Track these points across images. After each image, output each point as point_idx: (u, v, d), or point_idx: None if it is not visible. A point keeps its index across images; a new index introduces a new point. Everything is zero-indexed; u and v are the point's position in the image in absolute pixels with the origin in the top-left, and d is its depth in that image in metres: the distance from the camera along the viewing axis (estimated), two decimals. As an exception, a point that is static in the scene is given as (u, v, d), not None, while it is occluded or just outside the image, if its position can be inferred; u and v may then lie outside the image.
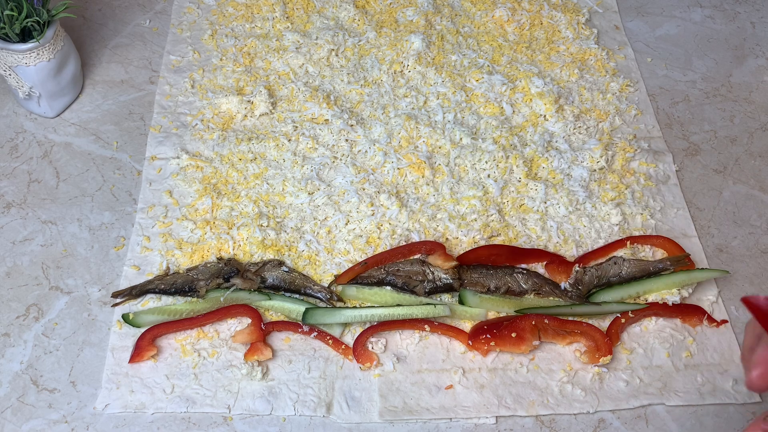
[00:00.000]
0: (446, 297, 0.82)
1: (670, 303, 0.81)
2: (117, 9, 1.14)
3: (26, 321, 0.79)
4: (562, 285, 0.82)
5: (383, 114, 0.98)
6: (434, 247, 0.82)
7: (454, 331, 0.79)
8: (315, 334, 0.78)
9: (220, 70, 1.04)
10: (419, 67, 1.03)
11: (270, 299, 0.79)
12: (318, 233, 0.86)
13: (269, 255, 0.83)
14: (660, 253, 0.87)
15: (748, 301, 0.52)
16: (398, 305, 0.79)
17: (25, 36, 0.89)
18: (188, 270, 0.81)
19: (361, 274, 0.81)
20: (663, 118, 1.03)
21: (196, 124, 0.97)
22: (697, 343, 0.80)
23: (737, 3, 1.22)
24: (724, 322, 0.81)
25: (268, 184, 0.90)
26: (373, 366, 0.76)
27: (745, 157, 0.99)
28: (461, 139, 0.95)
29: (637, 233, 0.88)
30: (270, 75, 1.03)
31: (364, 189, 0.90)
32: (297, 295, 0.81)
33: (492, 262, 0.83)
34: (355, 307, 0.80)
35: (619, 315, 0.80)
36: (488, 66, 1.04)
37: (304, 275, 0.81)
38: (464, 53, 1.06)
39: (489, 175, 0.92)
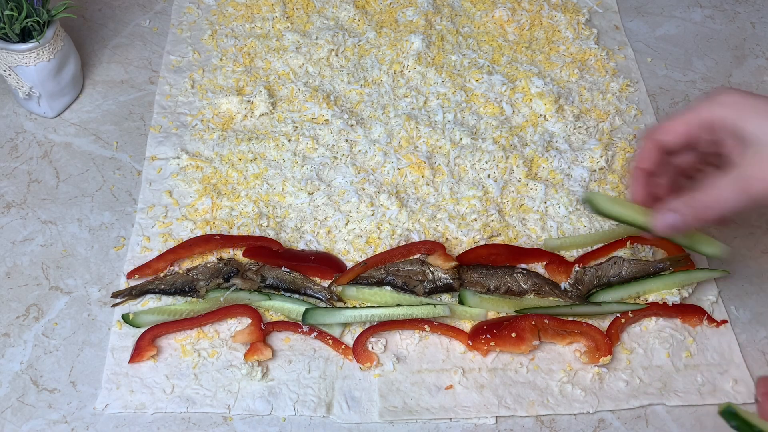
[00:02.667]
0: (446, 297, 0.82)
1: (670, 303, 0.81)
2: (117, 9, 1.14)
3: (26, 321, 0.79)
4: (562, 285, 0.82)
5: (383, 114, 0.98)
6: (434, 247, 0.82)
7: (454, 331, 0.79)
8: (315, 334, 0.78)
9: (220, 70, 1.04)
10: (419, 67, 1.03)
11: (270, 299, 0.79)
12: (318, 233, 0.86)
13: (269, 255, 0.83)
14: (660, 253, 0.87)
15: None
16: (398, 305, 0.79)
17: (25, 36, 0.89)
18: (188, 270, 0.81)
19: (361, 275, 0.81)
20: (663, 118, 1.03)
21: (196, 124, 0.97)
22: (697, 343, 0.80)
23: (737, 3, 1.22)
24: (724, 322, 0.82)
25: (268, 184, 0.90)
26: (373, 366, 0.76)
27: (745, 157, 0.99)
28: (461, 139, 0.95)
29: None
30: (270, 75, 1.03)
31: (364, 189, 0.90)
32: (297, 295, 0.81)
33: (492, 262, 0.83)
34: (355, 307, 0.80)
35: (619, 315, 0.80)
36: (488, 66, 1.04)
37: (304, 275, 0.81)
38: (464, 53, 1.06)
39: (489, 175, 0.92)
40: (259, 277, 0.80)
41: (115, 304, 0.80)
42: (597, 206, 0.71)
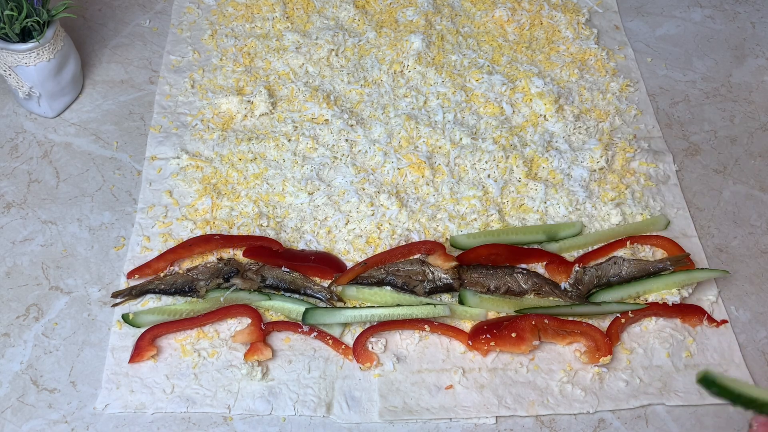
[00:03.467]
0: (446, 297, 0.82)
1: (670, 303, 0.81)
2: (117, 9, 1.14)
3: (26, 321, 0.79)
4: (562, 285, 0.82)
5: (383, 114, 0.98)
6: (434, 247, 0.82)
7: (454, 331, 0.79)
8: (315, 334, 0.78)
9: (220, 70, 1.04)
10: (419, 67, 1.03)
11: (270, 299, 0.79)
12: (318, 233, 0.86)
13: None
14: (660, 253, 0.87)
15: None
16: (398, 305, 0.79)
17: (25, 36, 0.89)
18: (188, 270, 0.81)
19: (361, 275, 0.81)
20: (663, 118, 1.03)
21: (196, 124, 0.97)
22: (697, 343, 0.80)
23: (737, 3, 1.22)
24: (724, 322, 0.81)
25: (268, 184, 0.90)
26: (373, 366, 0.76)
27: (745, 157, 0.99)
28: (461, 139, 0.95)
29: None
30: (270, 75, 1.03)
31: (364, 189, 0.90)
32: (297, 295, 0.81)
33: (492, 262, 0.83)
34: (355, 307, 0.80)
35: (619, 315, 0.80)
36: (488, 66, 1.04)
37: (304, 275, 0.81)
38: (464, 53, 1.06)
39: (489, 175, 0.92)
40: (259, 277, 0.80)
41: (115, 304, 0.80)
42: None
